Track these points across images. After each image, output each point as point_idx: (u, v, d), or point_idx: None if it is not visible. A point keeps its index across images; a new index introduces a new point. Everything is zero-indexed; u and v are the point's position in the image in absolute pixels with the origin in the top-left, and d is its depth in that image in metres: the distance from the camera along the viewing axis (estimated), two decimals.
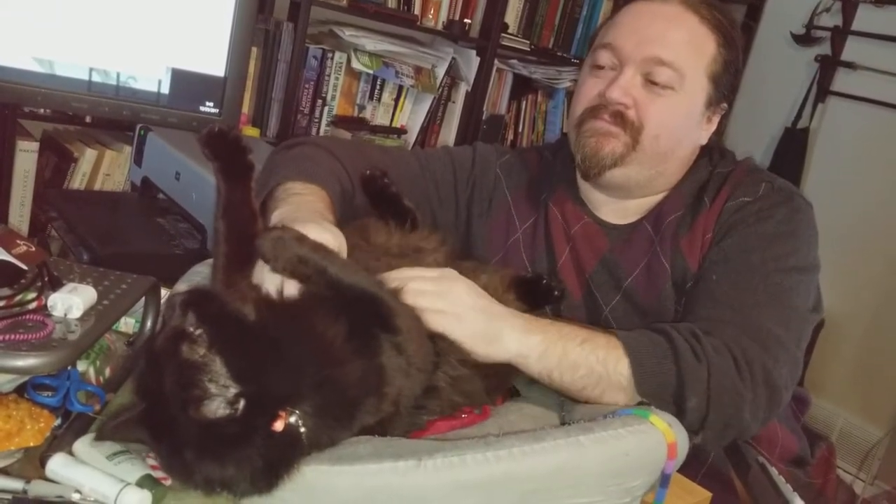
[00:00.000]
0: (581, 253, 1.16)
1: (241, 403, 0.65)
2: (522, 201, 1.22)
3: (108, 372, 0.88)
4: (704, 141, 1.15)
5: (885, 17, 3.11)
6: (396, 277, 0.85)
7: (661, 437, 0.79)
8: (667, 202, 1.14)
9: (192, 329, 0.66)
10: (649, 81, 1.07)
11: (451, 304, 0.86)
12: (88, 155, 2.19)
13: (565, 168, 1.22)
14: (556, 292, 1.08)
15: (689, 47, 1.08)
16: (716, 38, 1.09)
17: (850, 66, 3.21)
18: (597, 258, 1.15)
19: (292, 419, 0.67)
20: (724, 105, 1.14)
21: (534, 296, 1.02)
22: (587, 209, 1.19)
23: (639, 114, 1.07)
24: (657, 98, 1.07)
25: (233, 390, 0.65)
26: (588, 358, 0.89)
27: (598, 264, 1.15)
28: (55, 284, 0.82)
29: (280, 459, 0.67)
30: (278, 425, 0.67)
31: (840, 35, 3.25)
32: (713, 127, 1.14)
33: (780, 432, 1.16)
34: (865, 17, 3.18)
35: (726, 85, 1.12)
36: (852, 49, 3.22)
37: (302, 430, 0.68)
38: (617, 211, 1.17)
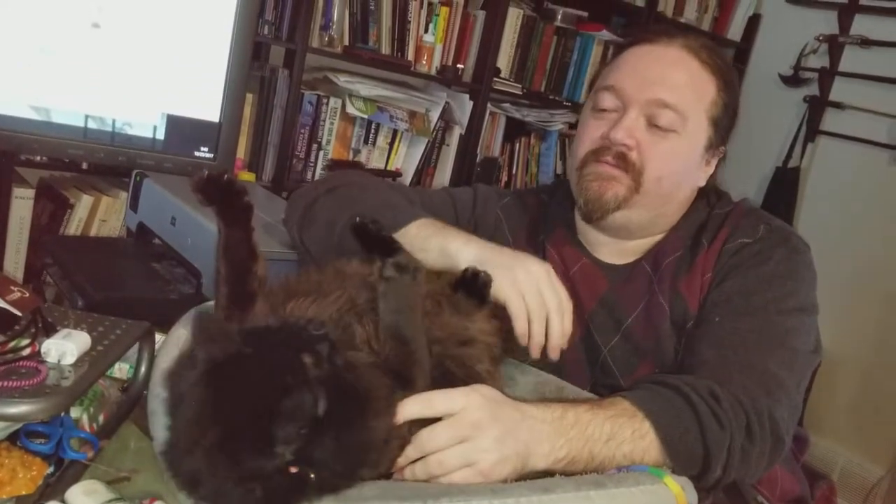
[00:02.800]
0: (580, 294, 1.15)
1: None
2: (522, 243, 1.22)
3: (101, 418, 0.87)
4: (703, 183, 1.16)
5: (870, 57, 3.17)
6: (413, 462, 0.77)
7: (673, 500, 0.76)
8: (666, 242, 1.14)
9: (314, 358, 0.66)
10: (652, 124, 1.08)
11: (478, 456, 0.76)
12: (84, 201, 2.20)
13: (562, 210, 1.23)
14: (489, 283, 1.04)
15: (691, 90, 1.09)
16: (716, 81, 1.10)
17: (838, 105, 3.26)
18: (595, 298, 1.15)
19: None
20: (723, 148, 1.15)
21: (477, 292, 1.00)
22: (585, 250, 1.19)
23: (641, 156, 1.08)
24: (660, 140, 1.08)
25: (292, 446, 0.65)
26: (615, 456, 0.84)
27: (596, 305, 1.14)
28: (49, 330, 0.81)
29: (280, 499, 0.66)
30: (293, 470, 0.66)
31: (827, 76, 3.30)
32: (711, 169, 1.16)
33: (779, 473, 1.15)
34: (852, 58, 3.24)
35: (725, 128, 1.13)
36: (840, 89, 3.27)
37: (312, 475, 0.67)
38: (616, 251, 1.17)
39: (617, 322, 1.12)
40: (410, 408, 0.76)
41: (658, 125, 1.08)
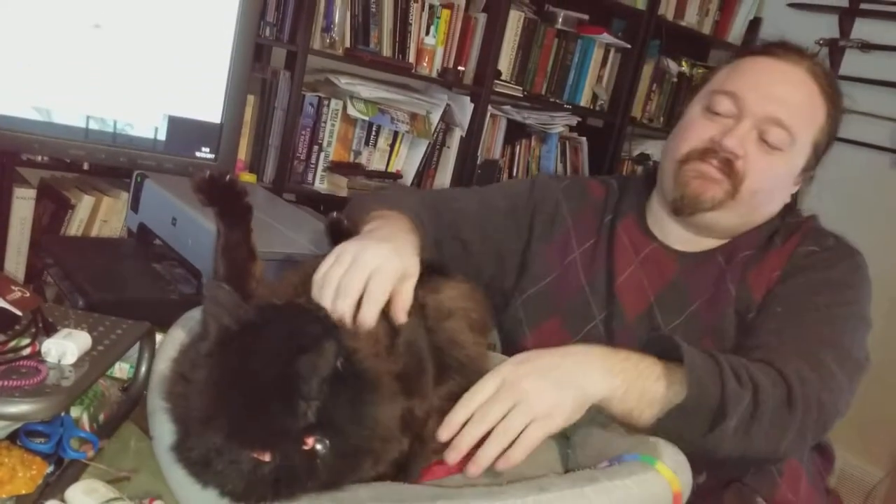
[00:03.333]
0: (647, 275, 1.18)
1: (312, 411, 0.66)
2: (582, 224, 1.24)
3: (101, 418, 0.87)
4: (789, 200, 1.20)
5: (871, 61, 3.17)
6: (461, 419, 0.81)
7: (667, 486, 0.77)
8: (741, 240, 1.18)
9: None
10: (762, 139, 1.10)
11: (536, 406, 0.81)
12: (85, 202, 2.20)
13: (637, 198, 1.26)
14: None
15: (806, 114, 1.12)
16: (827, 109, 1.13)
17: None
18: (664, 282, 1.17)
19: (319, 447, 0.67)
20: (812, 173, 1.19)
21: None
22: (655, 238, 1.22)
23: (745, 166, 1.10)
24: (766, 156, 1.11)
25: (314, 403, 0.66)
26: (667, 395, 0.88)
27: (664, 288, 1.17)
28: (49, 330, 0.81)
29: (289, 475, 0.66)
30: (310, 441, 0.66)
31: None
32: (795, 189, 1.20)
33: (803, 490, 1.15)
34: (852, 63, 3.24)
35: (822, 152, 1.17)
36: None
37: (318, 460, 0.67)
38: (688, 241, 1.20)
39: (682, 304, 1.15)
40: (457, 417, 0.80)
41: (767, 141, 1.10)
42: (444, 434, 0.80)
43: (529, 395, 0.81)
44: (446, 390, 0.85)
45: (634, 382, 0.87)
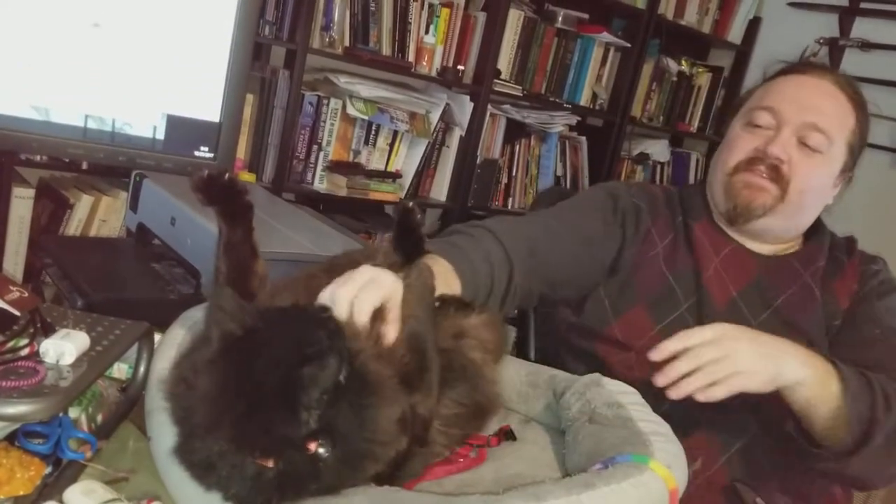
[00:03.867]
0: (728, 272, 1.25)
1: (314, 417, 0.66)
2: (659, 222, 1.32)
3: (100, 418, 0.87)
4: (831, 201, 1.30)
5: (871, 60, 3.17)
6: (673, 348, 0.97)
7: (662, 486, 0.77)
8: (811, 248, 1.29)
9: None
10: (802, 143, 1.21)
11: (742, 363, 0.97)
12: (84, 201, 2.20)
13: (702, 204, 1.34)
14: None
15: (838, 119, 1.23)
16: (856, 114, 1.26)
17: None
18: (747, 280, 1.25)
19: (321, 450, 0.67)
20: (850, 174, 1.29)
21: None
22: (733, 239, 1.29)
23: (791, 169, 1.21)
24: (808, 158, 1.21)
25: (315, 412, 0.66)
26: (843, 397, 1.01)
27: (747, 285, 1.24)
28: (47, 330, 0.81)
29: (293, 479, 0.66)
30: (312, 446, 0.66)
31: None
32: (836, 191, 1.29)
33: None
34: (852, 62, 3.24)
35: (857, 155, 1.28)
36: None
37: (321, 463, 0.67)
38: (760, 247, 1.29)
39: (766, 301, 1.23)
40: (671, 346, 0.97)
41: (808, 145, 1.21)
42: (655, 355, 0.97)
43: (739, 353, 0.97)
44: (452, 395, 0.85)
45: (817, 383, 1.01)
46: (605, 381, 0.95)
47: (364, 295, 0.79)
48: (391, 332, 0.80)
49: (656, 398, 0.94)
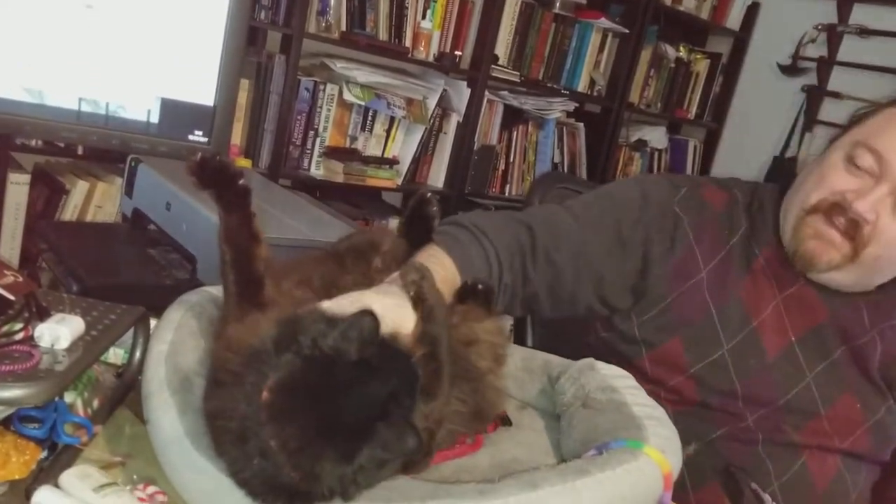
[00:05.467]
0: (791, 314, 1.11)
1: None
2: (705, 240, 1.14)
3: (95, 403, 0.87)
4: None
5: (869, 47, 3.16)
6: None
7: (657, 470, 0.77)
8: (885, 299, 1.13)
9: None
10: None
11: None
12: (80, 187, 2.19)
13: (774, 220, 1.16)
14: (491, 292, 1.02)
15: None
16: None
17: (836, 95, 3.26)
18: (810, 325, 1.11)
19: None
20: None
21: (480, 301, 1.00)
22: (803, 275, 1.12)
23: (873, 232, 1.04)
24: None
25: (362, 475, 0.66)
26: None
27: (809, 332, 1.11)
28: (42, 315, 0.81)
29: (306, 496, 0.66)
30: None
31: (826, 65, 3.30)
32: None
33: None
34: (850, 48, 3.24)
35: None
36: (838, 79, 3.27)
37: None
38: (829, 279, 1.12)
39: (827, 350, 1.11)
40: None
41: None
42: None
43: None
44: (455, 393, 0.84)
45: None
46: (599, 366, 0.95)
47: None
48: None
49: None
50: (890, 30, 3.11)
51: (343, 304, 0.75)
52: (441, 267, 0.95)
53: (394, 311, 0.77)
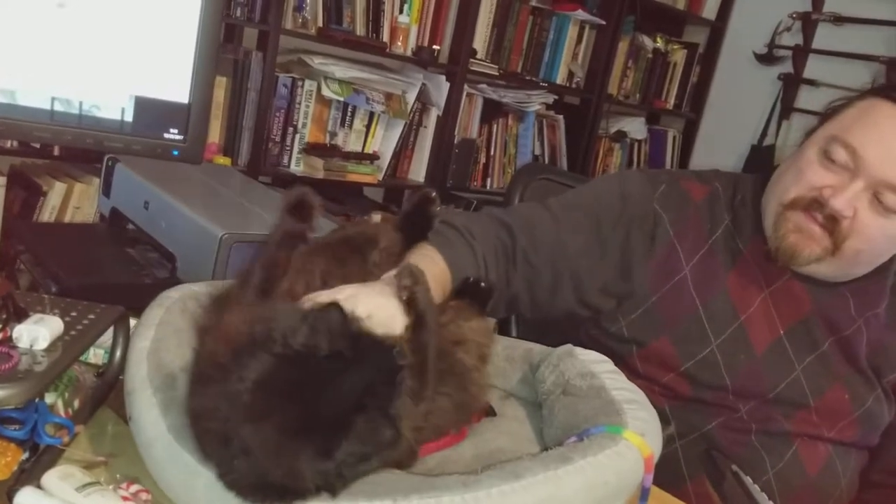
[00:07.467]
0: (777, 308, 1.12)
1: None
2: (687, 236, 1.14)
3: (76, 403, 0.87)
4: None
5: (843, 34, 3.19)
6: None
7: (637, 454, 0.78)
8: (870, 287, 1.13)
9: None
10: (876, 198, 1.02)
11: None
12: (57, 188, 2.18)
13: (756, 211, 1.15)
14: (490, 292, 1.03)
15: None
16: None
17: (812, 83, 3.29)
18: (797, 317, 1.12)
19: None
20: None
21: (478, 300, 1.00)
22: (788, 268, 1.12)
23: (852, 226, 1.03)
24: (878, 218, 1.03)
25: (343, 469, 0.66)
26: None
27: (796, 323, 1.12)
28: (20, 316, 0.80)
29: (291, 491, 0.66)
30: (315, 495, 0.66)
31: (801, 53, 3.33)
32: None
33: None
34: (825, 36, 3.27)
35: None
36: (813, 67, 3.30)
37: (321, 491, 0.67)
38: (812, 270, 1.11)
39: (814, 342, 1.12)
40: None
41: (882, 202, 1.02)
42: None
43: None
44: (440, 388, 0.85)
45: None
46: (578, 352, 0.95)
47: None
48: None
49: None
50: (863, 17, 3.14)
51: (336, 298, 0.75)
52: (434, 265, 0.96)
53: (385, 310, 0.77)
